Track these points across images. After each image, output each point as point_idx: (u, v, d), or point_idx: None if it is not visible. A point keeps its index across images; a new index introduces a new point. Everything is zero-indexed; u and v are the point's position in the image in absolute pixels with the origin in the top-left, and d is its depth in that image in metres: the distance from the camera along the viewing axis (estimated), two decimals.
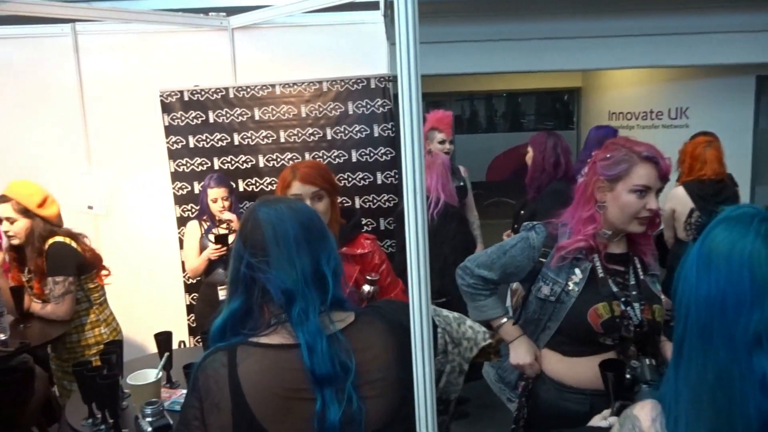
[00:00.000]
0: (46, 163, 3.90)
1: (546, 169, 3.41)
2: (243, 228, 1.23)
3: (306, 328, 1.15)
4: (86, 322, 2.81)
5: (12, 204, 2.68)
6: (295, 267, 1.18)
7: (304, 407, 1.14)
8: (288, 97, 3.68)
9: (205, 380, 1.15)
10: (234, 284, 1.22)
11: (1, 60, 3.90)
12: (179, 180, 3.81)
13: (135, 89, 3.87)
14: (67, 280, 2.67)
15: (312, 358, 1.13)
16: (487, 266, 1.86)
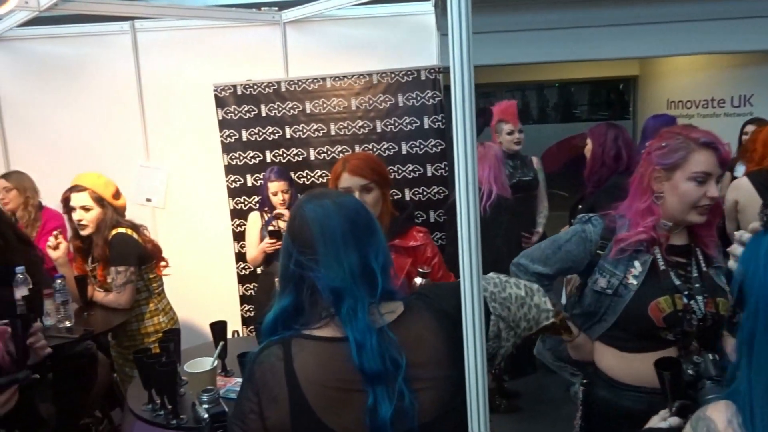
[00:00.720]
0: (106, 156, 4.04)
1: (606, 162, 3.31)
2: (291, 225, 1.23)
3: (355, 325, 1.14)
4: (146, 311, 2.91)
5: (89, 193, 2.79)
6: (342, 265, 1.17)
7: (359, 399, 1.14)
8: (338, 89, 3.70)
9: (262, 374, 1.16)
10: (284, 281, 1.22)
11: (64, 58, 4.06)
12: (232, 173, 3.89)
13: (190, 84, 3.97)
14: (128, 270, 2.77)
15: (361, 356, 1.13)
16: (542, 261, 1.81)
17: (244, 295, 4.01)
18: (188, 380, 2.00)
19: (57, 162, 4.01)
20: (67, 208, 2.82)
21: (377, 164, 2.08)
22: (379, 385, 1.14)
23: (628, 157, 3.29)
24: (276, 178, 3.34)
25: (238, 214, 3.92)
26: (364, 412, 1.14)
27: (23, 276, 2.70)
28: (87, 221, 2.79)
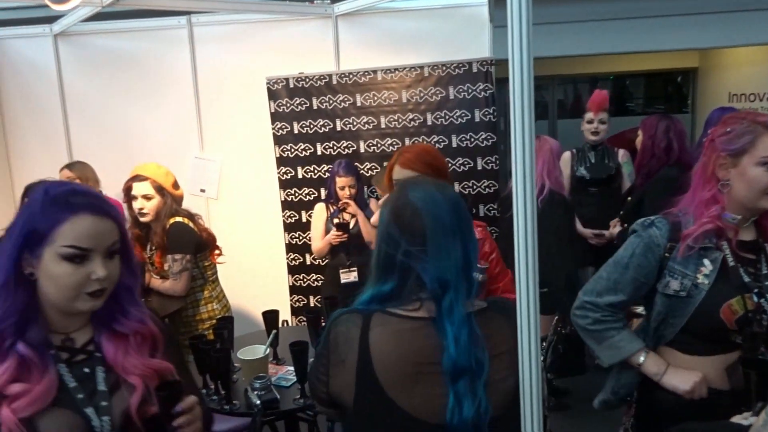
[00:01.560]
0: (163, 148, 4.16)
1: (656, 153, 3.21)
2: (400, 214, 1.23)
3: (453, 318, 1.16)
4: (201, 298, 2.99)
5: (150, 182, 2.89)
6: (450, 256, 1.19)
7: (432, 380, 1.16)
8: (389, 82, 3.70)
9: (336, 336, 1.21)
10: (385, 268, 1.23)
11: (124, 51, 4.19)
12: (284, 165, 3.94)
13: (244, 77, 4.04)
14: (184, 258, 2.85)
15: (457, 350, 1.15)
16: (612, 290, 1.66)
17: (293, 286, 4.07)
18: (241, 367, 2.04)
19: (116, 153, 4.15)
20: (129, 197, 2.91)
21: (432, 157, 2.02)
22: (462, 380, 1.15)
23: (680, 149, 3.18)
24: (344, 173, 3.38)
25: (288, 205, 3.98)
26: (436, 395, 1.16)
27: None
28: (147, 209, 2.88)
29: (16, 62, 4.26)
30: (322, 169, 3.89)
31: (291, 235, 4.01)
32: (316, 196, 3.92)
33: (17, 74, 4.27)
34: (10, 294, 1.13)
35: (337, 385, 1.20)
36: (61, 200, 1.14)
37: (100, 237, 1.15)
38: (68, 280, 1.13)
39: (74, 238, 1.12)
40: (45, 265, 1.13)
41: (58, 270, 1.13)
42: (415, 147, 2.08)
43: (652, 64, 8.73)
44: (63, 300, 1.15)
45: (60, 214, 1.13)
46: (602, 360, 1.71)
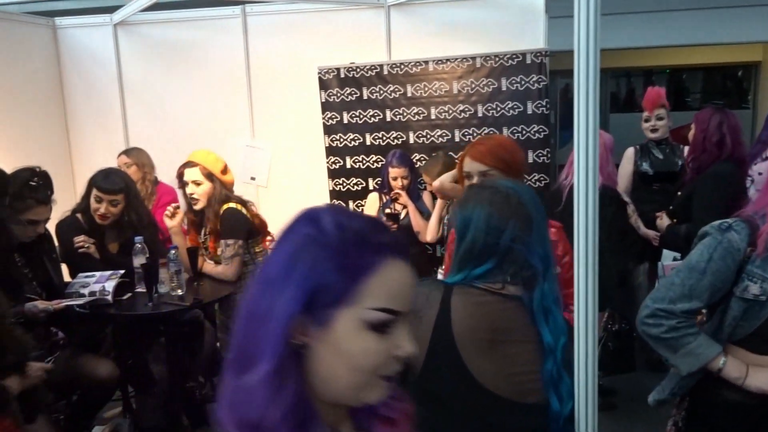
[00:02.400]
0: (215, 136, 4.24)
1: (707, 148, 3.09)
2: (502, 204, 1.30)
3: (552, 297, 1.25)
4: None
5: (200, 168, 2.96)
6: (548, 241, 1.31)
7: (508, 353, 1.21)
8: (440, 73, 3.68)
9: (418, 293, 1.22)
10: (480, 256, 1.29)
11: (180, 41, 4.28)
12: (332, 155, 3.97)
13: (295, 67, 4.08)
14: (237, 243, 2.91)
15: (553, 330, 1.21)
16: (687, 297, 1.58)
17: None
18: None
19: (170, 140, 4.25)
20: (181, 183, 2.99)
21: (505, 150, 1.93)
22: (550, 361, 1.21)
23: (733, 144, 3.04)
24: (398, 164, 3.39)
25: (336, 195, 4.01)
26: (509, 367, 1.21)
27: (141, 246, 2.90)
28: (198, 195, 2.95)
29: (78, 51, 4.40)
30: (370, 160, 3.90)
31: None
32: (363, 187, 3.94)
33: (78, 63, 4.41)
34: (281, 379, 0.73)
35: None
36: (366, 239, 0.76)
37: (410, 292, 0.81)
38: (370, 358, 0.75)
39: (387, 297, 0.76)
40: (336, 335, 0.74)
41: (357, 343, 0.74)
42: (490, 139, 2.00)
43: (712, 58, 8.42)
44: (350, 386, 0.77)
45: (367, 260, 0.75)
46: (680, 369, 1.63)
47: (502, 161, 1.91)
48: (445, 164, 3.30)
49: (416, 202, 3.47)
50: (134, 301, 2.81)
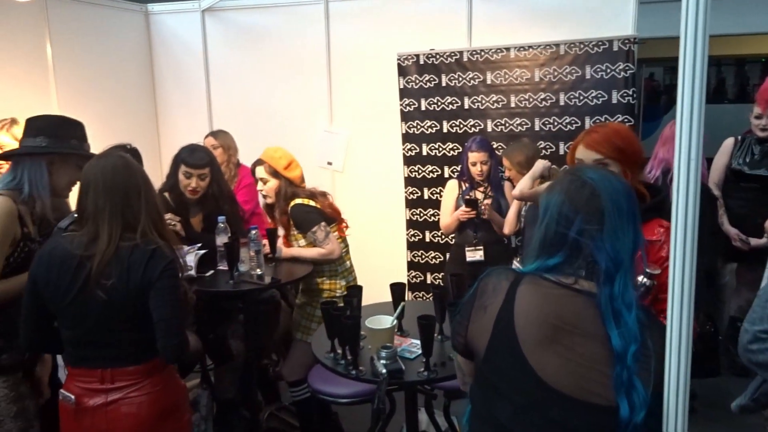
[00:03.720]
0: (295, 120, 4.33)
1: None
2: (575, 194, 1.25)
3: (626, 299, 1.17)
4: (325, 270, 3.10)
5: (265, 166, 3.05)
6: (624, 239, 1.21)
7: (570, 349, 1.17)
8: (522, 60, 3.61)
9: (486, 283, 1.28)
10: (552, 246, 1.26)
11: (262, 27, 4.38)
12: (409, 141, 3.97)
13: (375, 53, 4.09)
14: (320, 225, 2.98)
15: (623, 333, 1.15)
16: None
17: (411, 262, 4.12)
18: (367, 335, 2.11)
19: (252, 123, 4.37)
20: (255, 179, 3.10)
21: (622, 139, 1.82)
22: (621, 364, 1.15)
23: None
24: (477, 148, 3.35)
25: (411, 182, 4.01)
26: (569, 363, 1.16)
27: (224, 225, 3.00)
28: (266, 191, 3.06)
29: (167, 36, 4.59)
30: (447, 147, 3.88)
31: (412, 211, 4.06)
32: (439, 174, 3.92)
33: (168, 47, 4.59)
34: None
35: (475, 329, 1.27)
36: None
37: None
38: None
39: None
40: None
41: None
42: (605, 126, 1.88)
43: None
44: None
45: None
46: None
47: (618, 150, 1.80)
48: (528, 151, 3.24)
49: (496, 190, 3.43)
50: (216, 278, 2.91)
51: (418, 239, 4.07)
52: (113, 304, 1.75)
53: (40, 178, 2.10)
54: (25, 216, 2.08)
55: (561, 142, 3.57)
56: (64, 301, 1.77)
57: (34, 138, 2.13)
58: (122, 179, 1.81)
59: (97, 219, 1.78)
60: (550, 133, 3.60)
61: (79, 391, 1.80)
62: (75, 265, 1.75)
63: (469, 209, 3.29)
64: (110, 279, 1.74)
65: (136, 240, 1.78)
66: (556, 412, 1.16)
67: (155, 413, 1.81)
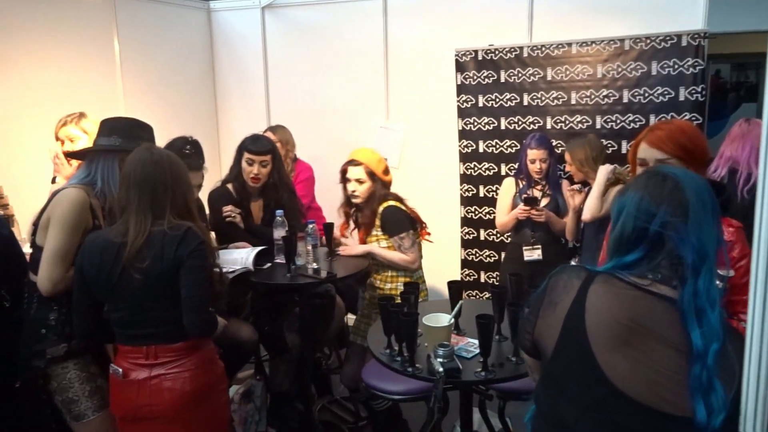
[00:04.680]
0: (350, 116, 4.35)
1: None
2: (656, 188, 1.23)
3: (710, 297, 1.13)
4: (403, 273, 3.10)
5: (364, 167, 3.05)
6: (711, 234, 1.18)
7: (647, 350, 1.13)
8: (584, 56, 3.52)
9: (557, 280, 1.25)
10: (629, 242, 1.24)
11: (320, 23, 4.41)
12: (465, 138, 3.93)
13: (433, 48, 4.07)
14: (409, 233, 2.99)
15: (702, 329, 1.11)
16: None
17: (465, 260, 4.09)
18: (423, 333, 2.09)
19: (309, 118, 4.42)
20: (344, 179, 3.10)
21: (688, 137, 1.75)
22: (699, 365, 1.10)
23: None
24: (536, 145, 3.30)
25: (467, 179, 3.97)
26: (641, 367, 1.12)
27: (282, 219, 3.04)
28: (359, 193, 3.05)
29: (228, 33, 4.68)
30: (504, 144, 3.82)
31: (467, 209, 4.02)
32: (495, 172, 3.87)
33: (228, 43, 4.69)
34: None
35: (543, 327, 1.24)
36: None
37: None
38: None
39: None
40: None
41: None
42: (669, 124, 1.81)
43: None
44: None
45: None
46: None
47: (683, 149, 1.73)
48: (591, 149, 3.16)
49: (555, 189, 3.36)
50: (273, 271, 2.95)
51: (472, 237, 4.03)
52: (149, 284, 1.89)
53: (112, 174, 2.22)
54: (96, 209, 2.20)
55: (623, 141, 3.46)
56: (108, 286, 1.92)
57: (108, 137, 2.26)
58: (150, 174, 1.94)
59: (128, 209, 1.93)
60: (613, 131, 3.49)
61: (127, 366, 1.96)
62: (114, 252, 1.91)
63: (528, 207, 3.23)
64: (145, 261, 1.88)
65: (172, 224, 1.93)
66: (624, 417, 1.12)
67: (194, 390, 1.94)
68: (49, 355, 2.11)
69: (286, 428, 3.16)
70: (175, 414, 1.94)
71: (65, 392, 2.13)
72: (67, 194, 2.13)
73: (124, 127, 2.29)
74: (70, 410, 2.14)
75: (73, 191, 2.13)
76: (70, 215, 2.09)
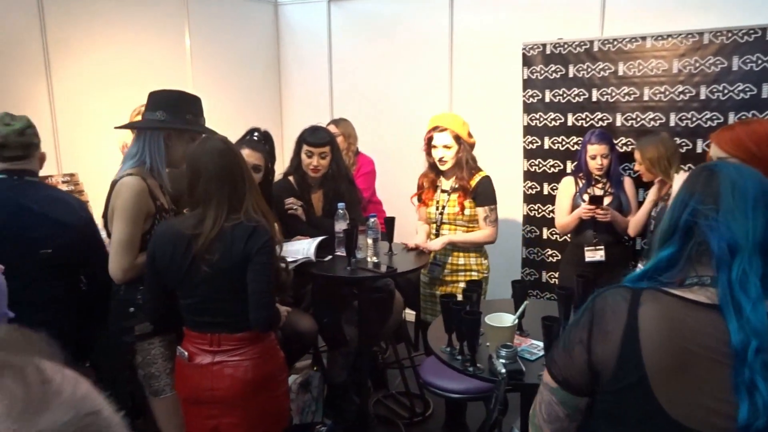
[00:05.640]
0: (412, 109, 4.32)
1: None
2: (695, 180, 1.18)
3: (747, 293, 1.04)
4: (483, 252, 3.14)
5: (449, 132, 3.09)
6: (747, 223, 1.08)
7: (703, 375, 1.04)
8: (659, 50, 3.36)
9: (602, 306, 1.15)
10: (668, 233, 1.18)
11: (386, 16, 4.40)
12: (530, 134, 3.84)
13: (499, 42, 4.00)
14: (495, 208, 3.09)
15: (747, 330, 1.02)
16: None
17: (526, 258, 4.00)
18: (485, 332, 2.05)
19: (371, 112, 4.42)
20: (429, 146, 3.15)
21: (751, 139, 1.71)
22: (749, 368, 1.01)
23: None
24: (597, 140, 3.22)
25: (531, 176, 3.88)
26: (701, 395, 1.04)
27: (343, 212, 3.05)
28: (447, 158, 3.10)
29: (294, 26, 4.73)
30: (570, 141, 3.71)
31: (530, 206, 3.93)
32: (561, 169, 3.76)
33: (294, 37, 4.74)
34: None
35: (597, 360, 1.13)
36: None
37: None
38: None
39: None
40: None
41: None
42: (744, 124, 1.74)
43: None
44: None
45: None
46: None
47: (745, 150, 1.69)
48: (664, 148, 3.04)
49: (617, 186, 3.25)
50: (334, 264, 2.97)
51: (534, 236, 3.94)
52: (216, 277, 1.93)
53: (158, 150, 2.25)
54: (155, 190, 2.23)
55: (699, 140, 3.30)
56: (178, 275, 1.97)
57: (153, 112, 2.27)
58: (228, 165, 1.96)
59: (206, 203, 1.95)
60: (687, 129, 3.34)
61: (193, 350, 2.02)
62: (185, 243, 1.94)
63: (593, 207, 3.13)
64: (214, 255, 1.92)
65: (240, 219, 1.94)
66: None
67: (254, 378, 1.99)
68: (137, 332, 2.21)
69: (341, 420, 3.18)
70: (235, 400, 1.99)
71: (148, 367, 2.22)
72: (125, 184, 2.15)
73: (169, 101, 2.29)
74: (150, 385, 2.24)
75: (130, 180, 2.16)
76: (130, 205, 2.13)
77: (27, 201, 2.19)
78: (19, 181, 2.20)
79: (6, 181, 2.19)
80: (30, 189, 2.22)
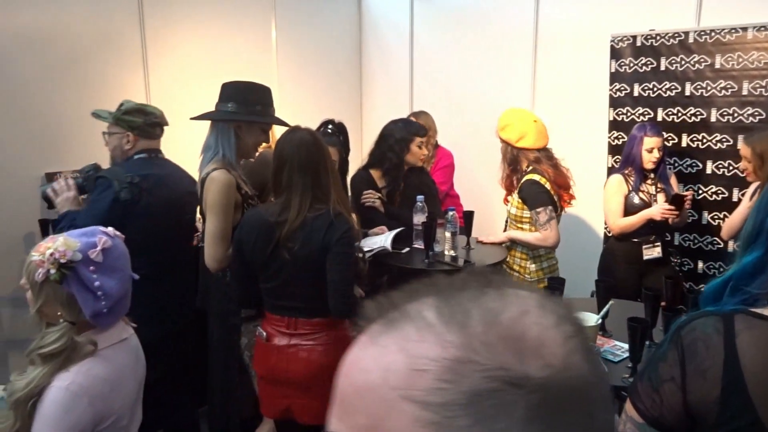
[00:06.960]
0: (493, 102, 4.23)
1: None
2: None
3: None
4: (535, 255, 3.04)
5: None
6: None
7: None
8: (762, 41, 3.17)
9: (693, 341, 1.05)
10: (752, 236, 1.09)
11: (470, 7, 4.35)
12: (616, 129, 3.72)
13: (586, 34, 3.87)
14: (547, 208, 2.89)
15: None
16: None
17: None
18: None
19: (451, 105, 4.39)
20: None
21: None
22: None
23: None
24: (654, 133, 3.12)
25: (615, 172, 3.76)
26: None
27: (422, 204, 3.06)
28: None
29: (377, 18, 4.77)
30: None
31: None
32: None
33: (376, 29, 4.77)
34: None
35: (694, 400, 1.04)
36: None
37: None
38: None
39: None
40: None
41: None
42: None
43: None
44: None
45: None
46: None
47: None
48: None
49: (665, 182, 3.18)
50: (411, 256, 2.99)
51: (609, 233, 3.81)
52: (297, 264, 2.00)
53: (228, 142, 2.32)
54: (238, 180, 2.31)
55: None
56: (261, 260, 2.05)
57: (224, 103, 2.35)
58: (314, 157, 2.02)
59: (290, 192, 2.01)
60: None
61: (271, 331, 2.10)
62: (269, 230, 2.01)
63: (672, 207, 2.98)
64: (295, 243, 1.98)
65: (322, 210, 1.99)
66: None
67: (326, 363, 2.03)
68: (243, 314, 2.34)
69: None
70: (308, 383, 2.05)
71: (253, 348, 2.31)
72: (213, 179, 2.24)
73: (240, 92, 2.35)
74: None
75: (217, 174, 2.24)
76: (219, 199, 2.23)
77: (172, 174, 2.55)
78: (158, 159, 2.52)
79: (152, 160, 2.49)
80: (167, 164, 2.55)
